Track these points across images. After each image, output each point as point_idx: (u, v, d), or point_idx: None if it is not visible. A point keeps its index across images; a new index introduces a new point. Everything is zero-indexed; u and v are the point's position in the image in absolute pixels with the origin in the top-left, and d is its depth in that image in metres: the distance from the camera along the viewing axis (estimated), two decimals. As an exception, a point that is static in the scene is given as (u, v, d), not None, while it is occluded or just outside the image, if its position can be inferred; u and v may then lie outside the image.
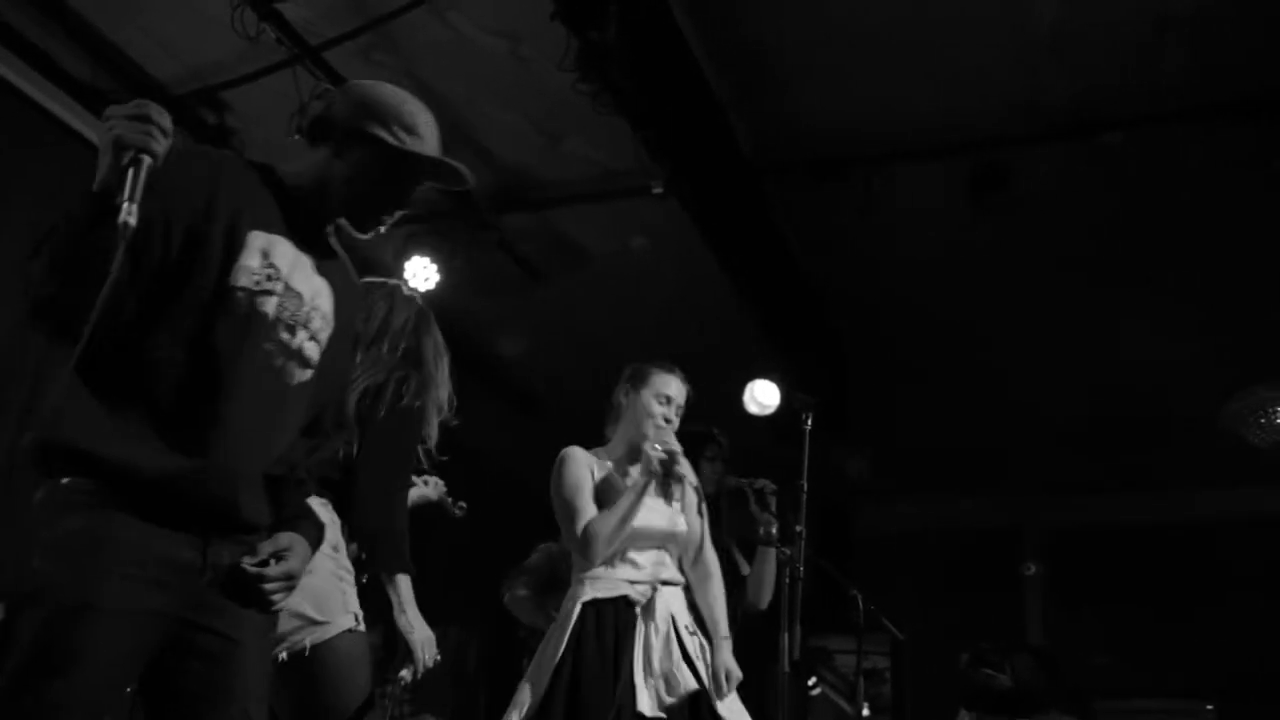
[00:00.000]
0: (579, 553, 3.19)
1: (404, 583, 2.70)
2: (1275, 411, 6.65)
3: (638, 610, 3.16)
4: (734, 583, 4.05)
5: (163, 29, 4.42)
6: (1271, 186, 4.82)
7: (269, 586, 1.93)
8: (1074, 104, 4.67)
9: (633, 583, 3.20)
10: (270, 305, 1.93)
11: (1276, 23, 4.12)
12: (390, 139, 2.08)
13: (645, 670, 3.06)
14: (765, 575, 4.01)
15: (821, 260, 5.89)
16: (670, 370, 3.42)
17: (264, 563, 1.92)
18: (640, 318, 6.39)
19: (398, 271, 5.17)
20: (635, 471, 3.35)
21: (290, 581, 1.98)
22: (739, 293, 5.56)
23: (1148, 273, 5.87)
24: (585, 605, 3.14)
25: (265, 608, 1.94)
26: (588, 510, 3.21)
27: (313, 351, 2.02)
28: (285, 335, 1.96)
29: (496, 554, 5.01)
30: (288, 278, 1.96)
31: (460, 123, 4.99)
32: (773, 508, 3.96)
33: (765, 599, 4.03)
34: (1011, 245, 5.63)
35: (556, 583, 4.57)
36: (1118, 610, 8.45)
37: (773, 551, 3.96)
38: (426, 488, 4.16)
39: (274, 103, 4.30)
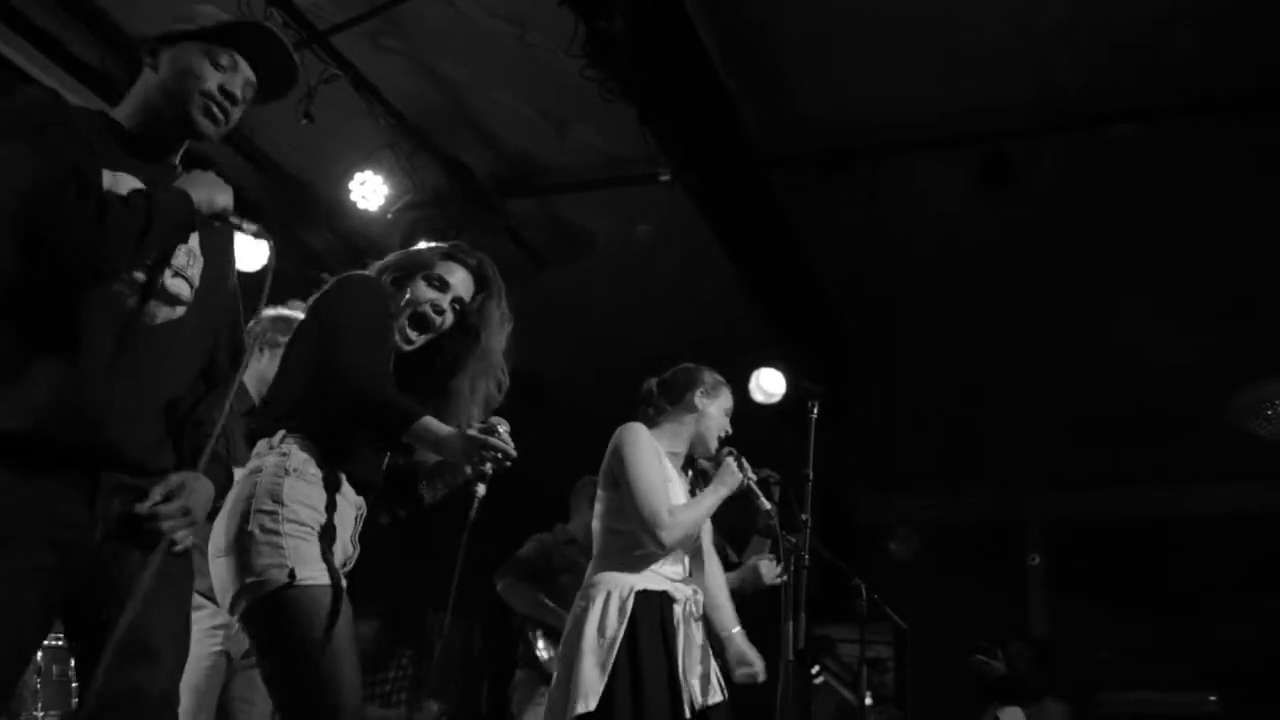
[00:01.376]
0: (651, 534, 3.14)
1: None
2: (1283, 404, 6.63)
3: (677, 608, 3.18)
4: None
5: (170, 13, 4.40)
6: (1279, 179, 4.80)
7: (165, 525, 1.89)
8: (1083, 95, 4.65)
9: (673, 580, 3.24)
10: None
11: (1286, 14, 4.10)
12: (185, 26, 2.10)
13: (687, 668, 3.11)
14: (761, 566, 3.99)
15: (826, 250, 5.87)
16: (728, 385, 3.54)
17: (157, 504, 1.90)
18: (645, 305, 6.39)
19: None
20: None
21: (187, 517, 1.94)
22: (743, 282, 5.55)
23: (1155, 265, 5.85)
24: (639, 595, 3.13)
25: (166, 547, 1.89)
26: (668, 495, 3.21)
27: (180, 288, 1.97)
28: (138, 274, 1.91)
29: (499, 543, 5.02)
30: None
31: (467, 108, 4.99)
32: (777, 498, 3.96)
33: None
34: (1018, 237, 5.62)
35: (550, 572, 4.57)
36: (1121, 602, 8.44)
37: (768, 543, 3.94)
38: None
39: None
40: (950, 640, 7.49)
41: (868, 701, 7.41)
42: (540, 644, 4.51)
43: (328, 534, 2.25)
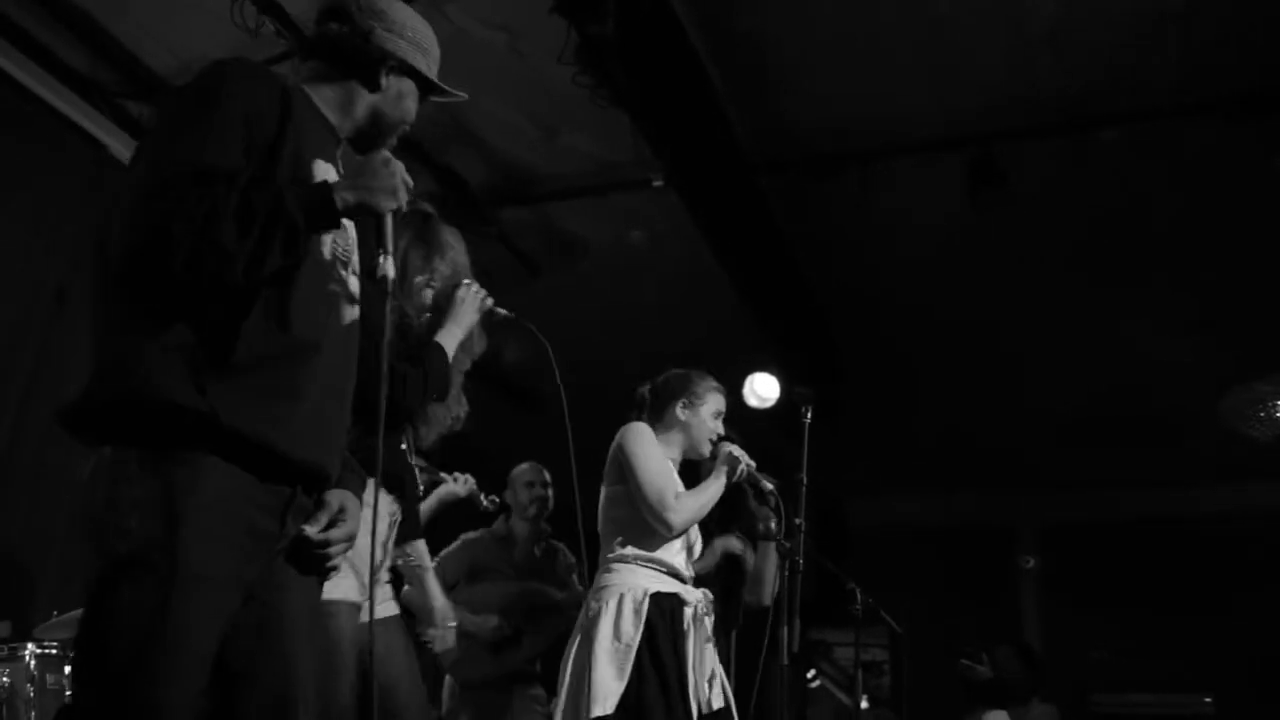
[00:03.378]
0: (658, 517, 3.20)
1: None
2: (1275, 405, 6.64)
3: (688, 612, 3.21)
4: (735, 579, 4.06)
5: (162, 22, 4.42)
6: (1268, 182, 4.82)
7: (333, 550, 1.83)
8: (1070, 100, 4.67)
9: (683, 581, 3.28)
10: (327, 243, 1.82)
11: (1272, 18, 4.12)
12: (428, 74, 2.04)
13: (697, 671, 3.13)
14: (766, 571, 4.00)
15: (818, 255, 5.89)
16: (722, 390, 3.57)
17: (325, 528, 1.82)
18: (638, 311, 6.40)
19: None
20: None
21: (351, 543, 1.87)
22: (736, 286, 5.56)
23: (1145, 268, 5.87)
24: (652, 597, 3.16)
25: (324, 574, 1.85)
26: (674, 484, 3.30)
27: (356, 286, 1.90)
28: (341, 273, 1.85)
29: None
30: None
31: (459, 116, 4.99)
32: (772, 504, 3.96)
33: (767, 595, 4.02)
34: (1008, 241, 5.64)
35: (473, 574, 4.56)
36: (1115, 604, 8.46)
37: (773, 547, 3.95)
38: (455, 484, 4.16)
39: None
40: (945, 643, 7.49)
41: (863, 705, 7.42)
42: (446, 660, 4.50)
43: None
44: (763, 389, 6.29)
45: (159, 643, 1.54)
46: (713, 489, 3.33)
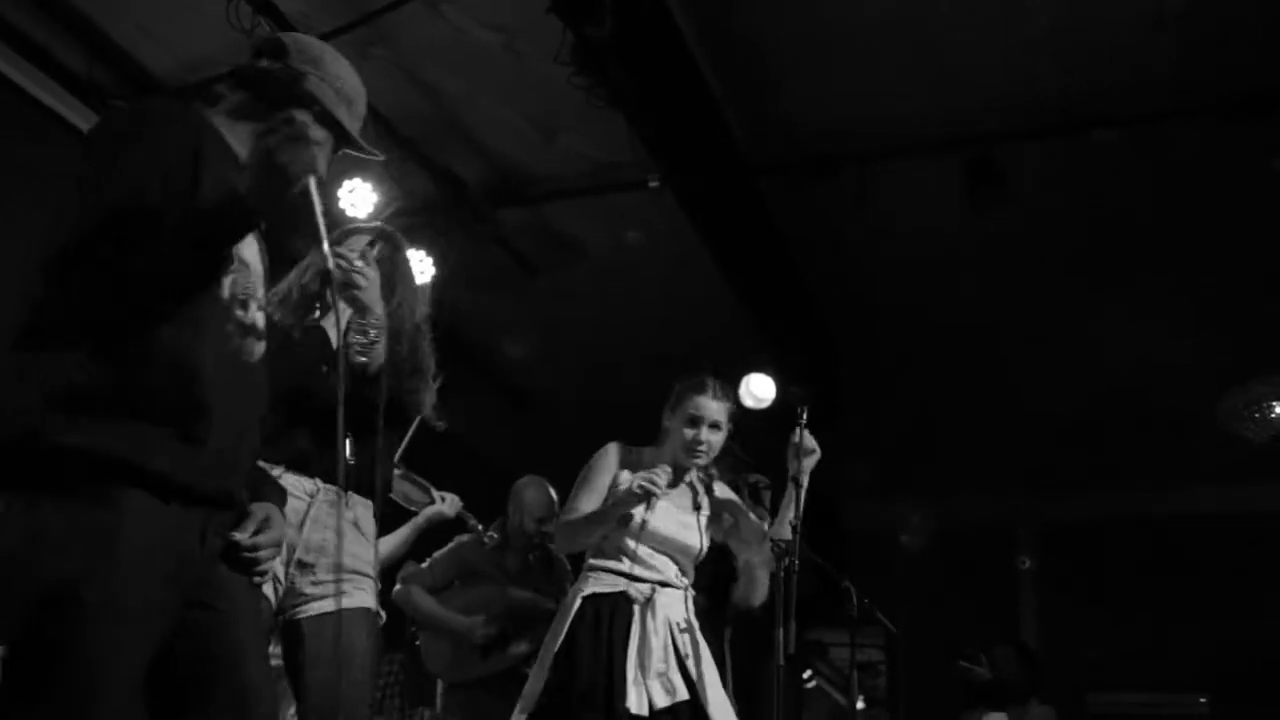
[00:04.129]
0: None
1: None
2: (1270, 406, 6.66)
3: (635, 608, 3.17)
4: (727, 580, 4.06)
5: (158, 23, 4.41)
6: (1266, 183, 4.83)
7: (262, 555, 1.91)
8: (1068, 101, 4.68)
9: (633, 579, 3.23)
10: (226, 283, 1.84)
11: (1270, 20, 4.13)
12: (348, 128, 2.02)
13: (639, 669, 3.07)
14: (759, 575, 4.00)
15: (815, 255, 5.89)
16: (702, 390, 3.40)
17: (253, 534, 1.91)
18: (635, 312, 6.40)
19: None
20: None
21: (278, 548, 1.98)
22: (733, 288, 5.57)
23: (1142, 269, 5.88)
24: (585, 599, 3.18)
25: (254, 577, 1.94)
26: (579, 503, 3.31)
27: (262, 321, 1.94)
28: (240, 312, 1.88)
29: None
30: (239, 249, 1.84)
31: (456, 117, 4.99)
32: (767, 503, 3.96)
33: (759, 597, 4.01)
34: (1005, 242, 5.64)
35: (464, 576, 4.56)
36: (1112, 605, 8.46)
37: (768, 548, 3.95)
38: (444, 504, 4.16)
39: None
40: (941, 644, 7.49)
41: (859, 705, 7.43)
42: (430, 658, 4.50)
43: None
44: (759, 390, 6.29)
45: (88, 675, 1.59)
46: (597, 512, 3.26)
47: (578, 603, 3.18)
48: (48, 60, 4.34)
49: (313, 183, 1.76)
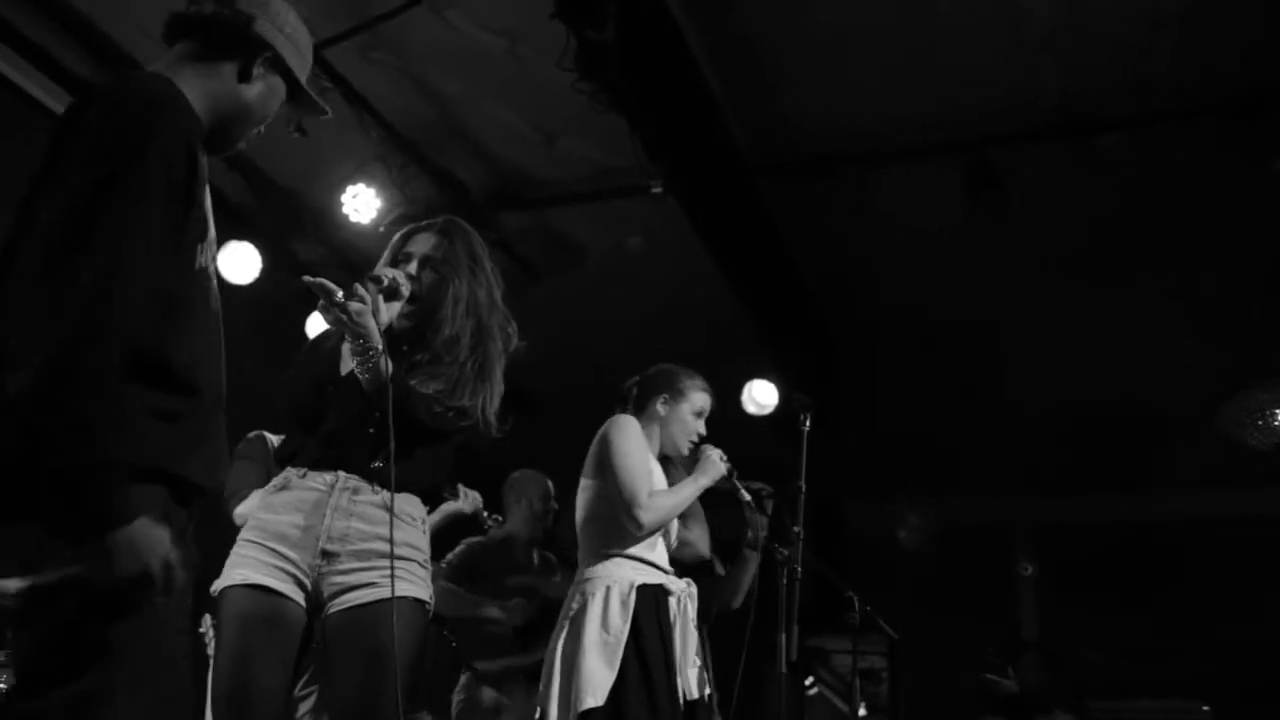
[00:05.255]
0: (630, 514, 3.15)
1: None
2: (1273, 414, 6.64)
3: (673, 601, 3.21)
4: (710, 581, 4.04)
5: (159, 25, 4.41)
6: (1266, 183, 4.83)
7: None
8: (1067, 103, 4.68)
9: (666, 572, 3.27)
10: (208, 257, 1.80)
11: (1269, 21, 4.13)
12: (299, 77, 1.94)
13: (683, 661, 3.16)
14: (743, 580, 3.97)
15: (815, 258, 5.90)
16: (706, 388, 3.49)
17: None
18: (637, 316, 6.39)
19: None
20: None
21: None
22: (733, 289, 5.56)
23: (1142, 272, 5.88)
24: (639, 589, 3.15)
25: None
26: (651, 479, 3.24)
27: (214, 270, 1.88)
28: (215, 287, 1.83)
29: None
30: (206, 206, 1.80)
31: (458, 121, 5.00)
32: (769, 510, 3.94)
33: (738, 600, 4.00)
34: (1005, 244, 5.64)
35: (478, 575, 4.55)
36: (1113, 609, 8.44)
37: (756, 556, 3.93)
38: (464, 501, 4.15)
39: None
40: (943, 650, 7.47)
41: (861, 712, 7.40)
42: (472, 651, 4.50)
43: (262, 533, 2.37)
44: (761, 396, 6.29)
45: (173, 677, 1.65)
46: (688, 491, 3.27)
47: (633, 592, 3.13)
48: (49, 62, 4.34)
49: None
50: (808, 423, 3.51)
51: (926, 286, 6.18)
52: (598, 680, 2.98)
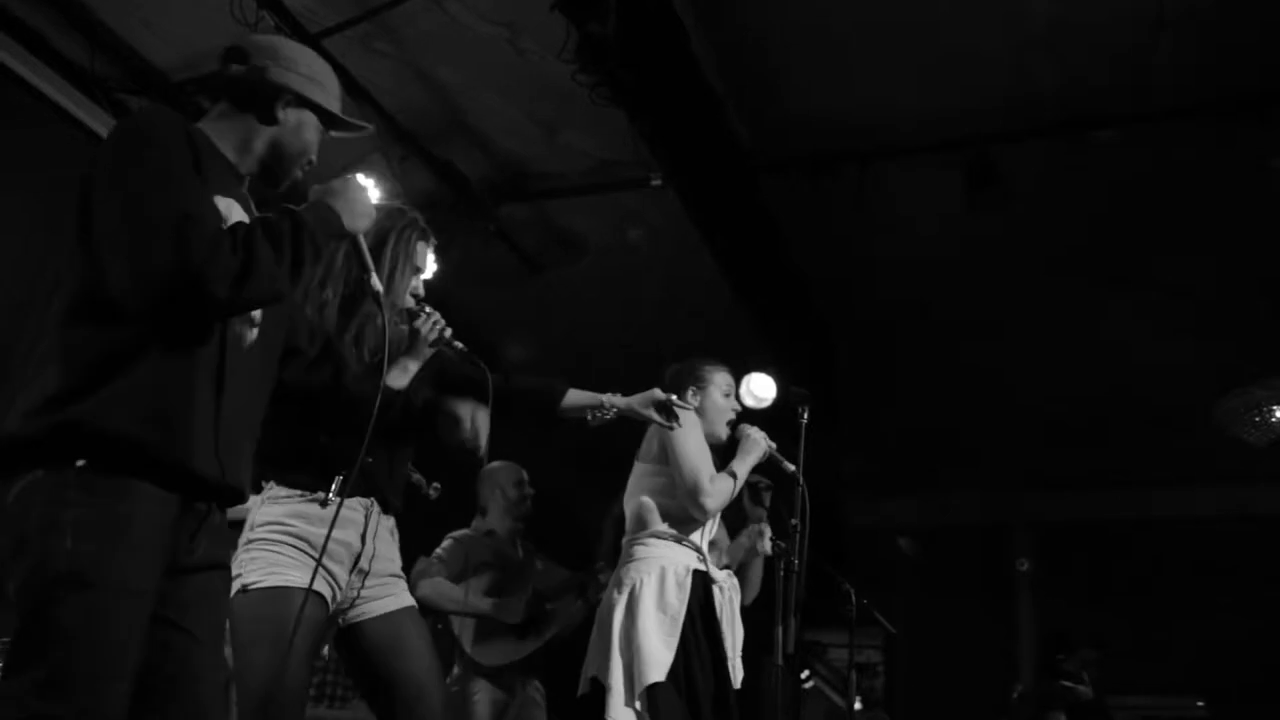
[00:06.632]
0: (695, 500, 3.27)
1: None
2: (1271, 410, 6.65)
3: (717, 589, 3.33)
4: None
5: (162, 16, 4.41)
6: (1266, 184, 4.83)
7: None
8: (1067, 100, 4.68)
9: (710, 561, 3.37)
10: None
11: (1269, 21, 4.13)
12: (326, 105, 2.13)
13: (731, 647, 3.30)
14: (752, 574, 3.98)
15: (815, 254, 5.89)
16: (725, 367, 3.65)
17: None
18: (636, 309, 6.40)
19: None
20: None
21: None
22: (734, 286, 5.57)
23: (1141, 270, 5.88)
24: (695, 574, 3.26)
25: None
26: (710, 467, 3.34)
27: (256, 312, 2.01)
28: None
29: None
30: None
31: (458, 112, 4.99)
32: (767, 503, 3.95)
33: (750, 596, 4.01)
34: (1004, 241, 5.65)
35: (468, 569, 4.56)
36: (1110, 606, 8.47)
37: (757, 530, 3.94)
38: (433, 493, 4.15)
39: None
40: (939, 644, 7.51)
41: (857, 706, 7.42)
42: (468, 644, 4.51)
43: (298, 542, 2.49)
44: (760, 389, 6.27)
45: (101, 649, 1.67)
46: (742, 470, 3.38)
47: (689, 576, 3.24)
48: (50, 53, 4.33)
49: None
50: (806, 416, 3.52)
51: (926, 283, 6.18)
52: (658, 657, 3.08)
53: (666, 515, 3.35)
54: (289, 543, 2.47)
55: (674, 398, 2.93)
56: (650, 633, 3.12)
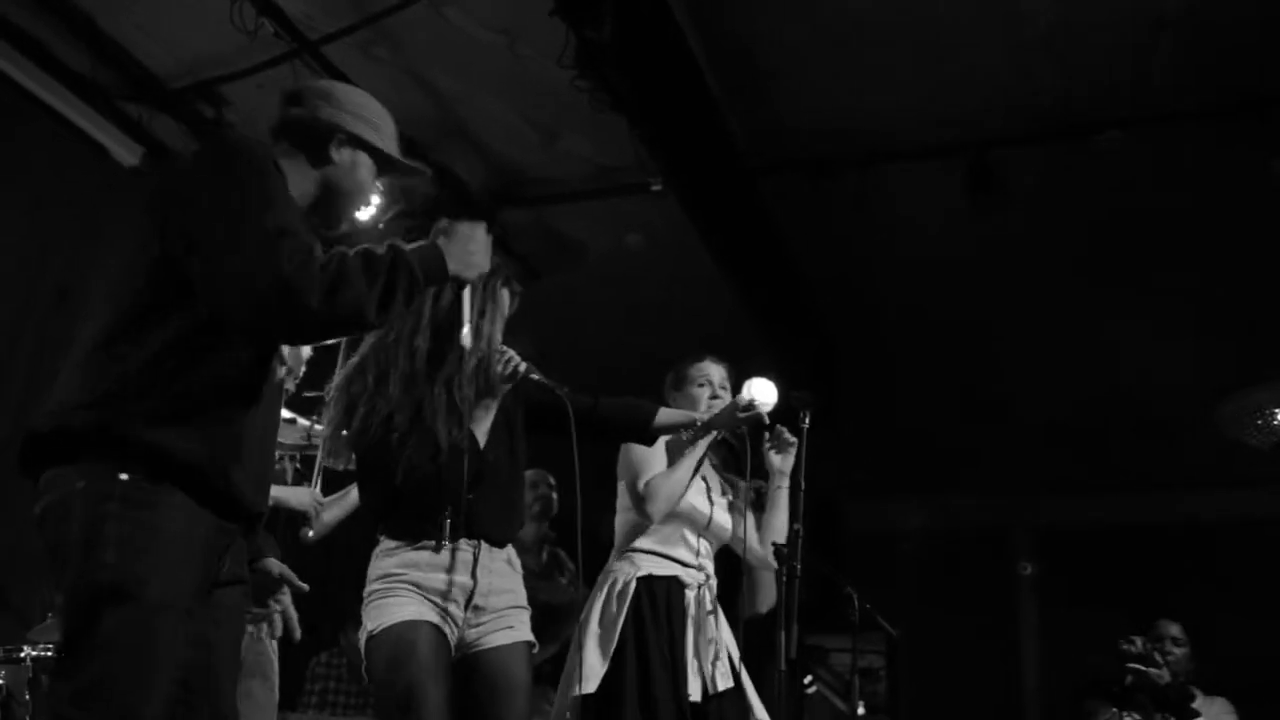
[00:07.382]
0: (639, 508, 3.25)
1: None
2: (1273, 413, 6.63)
3: (690, 595, 3.26)
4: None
5: (161, 23, 4.41)
6: (1267, 186, 4.82)
7: (284, 599, 2.20)
8: (1068, 103, 4.68)
9: (684, 565, 3.31)
10: None
11: (1270, 22, 4.13)
12: (380, 146, 2.16)
13: (697, 657, 3.18)
14: (763, 582, 3.97)
15: (815, 258, 5.89)
16: (700, 358, 3.59)
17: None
18: (636, 314, 6.40)
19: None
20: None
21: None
22: (734, 290, 5.57)
23: (1142, 272, 5.87)
24: (640, 581, 3.23)
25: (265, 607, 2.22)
26: (653, 467, 3.29)
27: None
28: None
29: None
30: None
31: (457, 118, 4.99)
32: (765, 506, 3.93)
33: (767, 602, 3.98)
34: (1005, 244, 5.64)
35: None
36: (1111, 610, 8.43)
37: (774, 552, 3.92)
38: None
39: (272, 97, 4.28)
40: (942, 649, 7.49)
41: (860, 711, 7.41)
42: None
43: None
44: (761, 394, 6.26)
45: (138, 663, 1.69)
46: (685, 463, 3.29)
47: (634, 584, 3.22)
48: (50, 60, 4.34)
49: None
50: (807, 420, 3.51)
51: (926, 286, 6.18)
52: (592, 669, 3.08)
53: (628, 528, 3.35)
54: (404, 589, 2.56)
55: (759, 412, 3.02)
56: (589, 645, 3.14)
